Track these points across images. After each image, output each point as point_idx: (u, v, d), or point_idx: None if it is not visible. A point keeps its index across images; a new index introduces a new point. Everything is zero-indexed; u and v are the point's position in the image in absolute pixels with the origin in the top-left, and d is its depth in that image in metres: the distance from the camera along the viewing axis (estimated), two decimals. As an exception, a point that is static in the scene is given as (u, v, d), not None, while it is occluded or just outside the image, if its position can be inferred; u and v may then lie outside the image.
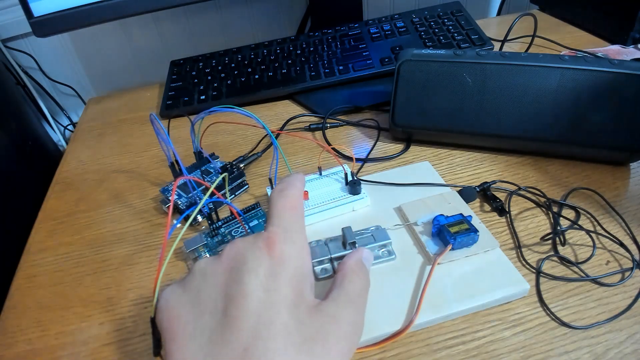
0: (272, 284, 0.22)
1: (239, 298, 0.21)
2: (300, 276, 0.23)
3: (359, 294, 0.25)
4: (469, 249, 0.33)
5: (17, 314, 0.35)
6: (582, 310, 0.30)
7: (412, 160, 0.45)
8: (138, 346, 0.32)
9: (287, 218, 0.26)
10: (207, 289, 0.23)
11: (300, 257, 0.24)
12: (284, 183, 0.28)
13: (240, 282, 0.22)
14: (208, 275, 0.23)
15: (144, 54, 0.81)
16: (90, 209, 0.45)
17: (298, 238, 0.25)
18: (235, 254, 0.24)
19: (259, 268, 0.22)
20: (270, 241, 0.24)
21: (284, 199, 0.27)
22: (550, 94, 0.39)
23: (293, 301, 0.22)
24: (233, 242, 0.25)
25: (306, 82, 0.59)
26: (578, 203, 0.38)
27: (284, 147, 0.50)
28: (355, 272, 0.26)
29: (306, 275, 0.24)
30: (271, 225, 0.25)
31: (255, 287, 0.22)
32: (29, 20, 0.54)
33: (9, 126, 0.60)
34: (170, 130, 0.56)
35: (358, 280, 0.26)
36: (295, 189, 0.28)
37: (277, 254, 0.23)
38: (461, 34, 0.60)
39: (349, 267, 0.27)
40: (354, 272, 0.26)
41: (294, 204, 0.27)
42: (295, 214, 0.26)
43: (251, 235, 0.25)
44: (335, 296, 0.24)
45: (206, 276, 0.23)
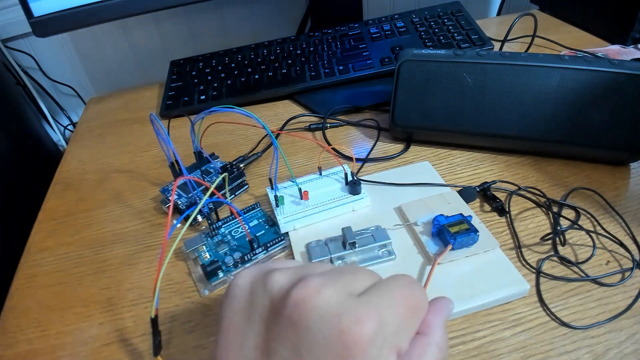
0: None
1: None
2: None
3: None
4: (469, 249, 0.33)
5: (17, 314, 0.35)
6: (582, 310, 0.30)
7: (412, 160, 0.45)
8: (138, 346, 0.32)
9: (395, 312, 0.19)
10: (266, 323, 0.20)
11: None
12: (415, 282, 0.22)
13: (298, 353, 0.18)
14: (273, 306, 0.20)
15: (144, 54, 0.81)
16: (90, 209, 0.45)
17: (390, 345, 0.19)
18: (305, 308, 0.19)
19: (322, 352, 0.18)
20: (360, 324, 0.18)
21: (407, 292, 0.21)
22: (550, 94, 0.39)
23: None
24: (307, 286, 0.19)
25: (306, 82, 0.59)
26: (578, 203, 0.38)
27: (284, 147, 0.50)
28: (438, 346, 0.21)
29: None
30: (371, 303, 0.19)
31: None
32: (29, 20, 0.54)
33: (9, 126, 0.60)
34: (170, 130, 0.56)
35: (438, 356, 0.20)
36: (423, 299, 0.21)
37: (354, 348, 0.18)
38: (461, 34, 0.60)
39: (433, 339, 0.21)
40: (437, 347, 0.20)
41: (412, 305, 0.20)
42: (406, 316, 0.20)
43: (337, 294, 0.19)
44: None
45: (271, 305, 0.20)
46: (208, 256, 0.37)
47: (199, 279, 0.35)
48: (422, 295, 0.21)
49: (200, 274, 0.35)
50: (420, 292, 0.21)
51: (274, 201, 0.38)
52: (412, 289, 0.21)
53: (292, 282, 0.20)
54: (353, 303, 0.19)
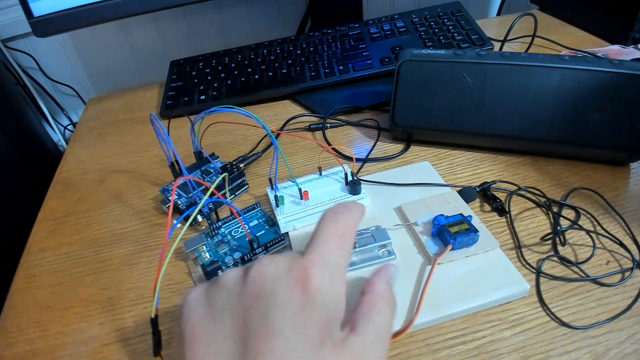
0: (301, 323, 0.20)
1: (261, 333, 0.20)
2: (332, 318, 0.21)
3: (387, 326, 0.23)
4: (469, 249, 0.33)
5: (17, 314, 0.35)
6: (582, 310, 0.30)
7: (412, 160, 0.45)
8: (138, 346, 0.32)
9: (332, 248, 0.23)
10: (231, 310, 0.21)
11: (337, 298, 0.22)
12: (340, 206, 0.25)
13: (266, 317, 0.20)
14: (233, 295, 0.22)
15: (144, 54, 0.81)
16: (90, 209, 0.45)
17: (338, 274, 0.22)
18: (263, 279, 0.21)
19: (288, 304, 0.20)
20: (307, 274, 0.21)
21: (335, 224, 0.24)
22: (550, 94, 0.39)
23: (319, 340, 0.20)
24: (261, 262, 0.22)
25: (306, 82, 0.59)
26: (578, 203, 0.38)
27: (284, 147, 0.50)
28: (384, 298, 0.24)
29: (338, 317, 0.22)
30: (312, 252, 0.22)
31: (282, 326, 0.20)
32: (29, 20, 0.54)
33: (9, 126, 0.60)
34: (170, 130, 0.56)
35: (387, 309, 0.23)
36: (351, 217, 0.24)
37: (312, 291, 0.21)
38: (461, 34, 0.60)
39: (377, 292, 0.24)
40: (383, 298, 0.23)
41: (344, 233, 0.24)
42: (342, 244, 0.23)
43: (284, 258, 0.22)
44: (363, 330, 0.22)
45: (231, 295, 0.22)
46: (208, 256, 0.37)
47: (199, 279, 0.35)
48: (347, 218, 0.24)
49: (200, 274, 0.35)
50: (345, 214, 0.24)
51: (274, 201, 0.38)
52: (336, 220, 0.24)
53: (242, 271, 0.23)
54: (297, 258, 0.22)
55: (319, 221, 0.24)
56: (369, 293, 0.24)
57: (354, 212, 0.25)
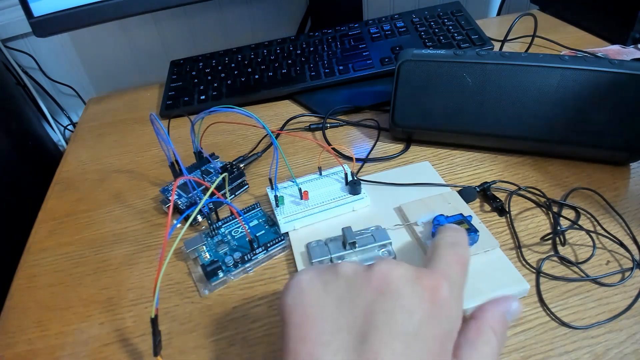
0: (424, 332, 0.19)
1: (385, 332, 0.19)
2: (451, 336, 0.21)
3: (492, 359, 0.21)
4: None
5: (17, 314, 0.35)
6: (582, 310, 0.30)
7: (412, 160, 0.45)
8: (138, 346, 0.32)
9: (456, 271, 0.23)
10: (351, 301, 0.20)
11: (458, 316, 0.21)
12: (457, 237, 0.26)
13: (392, 317, 0.20)
14: (355, 287, 0.21)
15: (144, 54, 0.81)
16: (90, 209, 0.45)
17: (460, 295, 0.22)
18: (390, 278, 0.21)
19: (416, 310, 0.20)
20: (437, 284, 0.21)
21: (456, 252, 0.24)
22: (550, 94, 0.39)
23: (436, 355, 0.19)
24: (389, 261, 0.22)
25: (306, 82, 0.59)
26: (578, 203, 0.38)
27: (284, 147, 0.50)
28: (493, 329, 0.22)
29: (454, 337, 0.21)
30: (437, 268, 0.23)
31: (406, 330, 0.19)
32: (29, 20, 0.54)
33: (9, 126, 0.60)
34: (170, 130, 0.56)
35: (494, 344, 0.22)
36: (466, 250, 0.25)
37: (440, 302, 0.20)
38: (461, 34, 0.60)
39: (488, 322, 0.22)
40: (492, 329, 0.22)
41: (464, 263, 0.24)
42: (463, 272, 0.24)
43: (411, 266, 0.22)
44: (467, 358, 0.21)
45: (352, 286, 0.21)
46: (208, 256, 0.37)
47: (199, 279, 0.35)
48: (465, 252, 0.25)
49: (200, 274, 0.35)
50: (463, 250, 0.25)
51: (274, 201, 0.38)
52: (455, 250, 0.25)
53: (362, 266, 0.22)
54: (424, 270, 0.22)
55: (436, 246, 0.25)
56: (478, 320, 0.23)
57: (466, 243, 0.26)
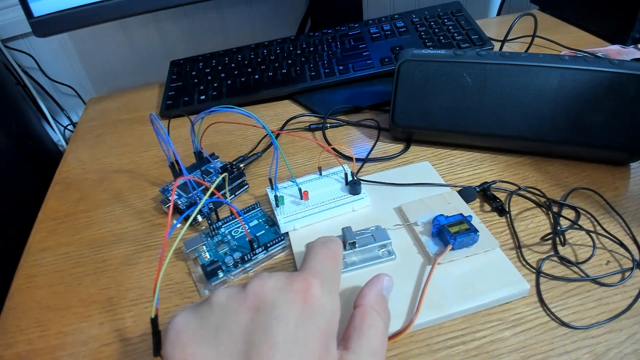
0: (302, 335, 0.20)
1: (265, 348, 0.19)
2: (330, 330, 0.22)
3: (380, 339, 0.23)
4: (469, 249, 0.33)
5: (17, 314, 0.35)
6: (582, 310, 0.30)
7: (412, 160, 0.45)
8: (138, 346, 0.32)
9: (326, 267, 0.24)
10: (228, 328, 0.21)
11: (334, 310, 0.22)
12: (326, 238, 0.27)
13: (268, 330, 0.20)
14: (230, 312, 0.21)
15: (144, 54, 0.81)
16: (90, 209, 0.45)
17: (334, 289, 0.23)
18: (264, 293, 0.21)
19: (289, 315, 0.20)
20: (307, 285, 0.22)
21: (326, 249, 0.26)
22: (550, 94, 0.39)
23: (319, 356, 0.20)
24: (261, 276, 0.22)
25: (306, 82, 0.59)
26: (578, 203, 0.38)
27: (284, 147, 0.50)
28: (375, 310, 0.24)
29: (335, 331, 0.22)
30: (309, 269, 0.24)
31: (284, 338, 0.20)
32: (29, 20, 0.54)
33: (9, 126, 0.60)
34: (170, 130, 0.56)
35: (380, 322, 0.23)
36: (338, 245, 0.27)
37: (311, 302, 0.21)
38: (461, 34, 0.60)
39: (368, 304, 0.24)
40: (374, 310, 0.23)
41: (335, 257, 0.25)
42: (335, 264, 0.25)
43: (282, 274, 0.23)
44: (356, 347, 0.22)
45: (227, 313, 0.21)
46: (208, 256, 0.37)
47: (199, 279, 0.35)
48: (335, 246, 0.26)
49: (200, 274, 0.35)
50: (333, 244, 0.27)
51: (274, 201, 0.38)
52: (326, 246, 0.26)
53: (237, 288, 0.23)
54: (295, 274, 0.23)
55: (309, 248, 0.26)
56: (360, 306, 0.24)
57: (339, 242, 0.28)
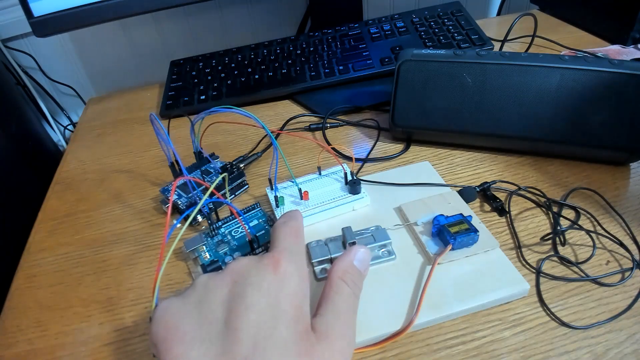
0: (274, 298, 0.23)
1: (241, 309, 0.22)
2: (300, 295, 0.24)
3: (347, 305, 0.26)
4: (469, 249, 0.33)
5: (17, 314, 0.35)
6: (582, 310, 0.30)
7: (412, 160, 0.45)
8: (138, 346, 0.32)
9: (290, 242, 0.27)
10: (208, 300, 0.23)
11: (302, 277, 0.25)
12: (286, 216, 0.30)
13: (243, 295, 0.23)
14: (210, 288, 0.24)
15: (144, 54, 0.81)
16: (90, 209, 0.45)
17: (300, 260, 0.26)
18: (239, 268, 0.24)
19: (262, 282, 0.23)
20: (275, 259, 0.25)
21: (287, 227, 0.28)
22: (550, 94, 0.39)
23: (292, 317, 0.23)
24: (237, 259, 0.26)
25: (306, 82, 0.59)
26: (578, 203, 0.38)
27: (284, 147, 0.50)
28: (342, 279, 0.26)
29: (305, 296, 0.25)
30: (275, 247, 0.27)
31: (258, 300, 0.22)
32: (29, 20, 0.54)
33: (9, 126, 0.60)
34: (170, 130, 0.56)
35: (345, 290, 0.26)
36: (297, 221, 0.29)
37: (281, 271, 0.24)
38: (461, 34, 0.60)
39: (335, 274, 0.27)
40: (340, 280, 0.26)
41: (296, 232, 0.28)
42: (297, 240, 0.28)
43: (255, 256, 0.26)
44: (324, 311, 0.25)
45: (208, 288, 0.24)
46: (208, 256, 0.37)
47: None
48: (294, 222, 0.29)
49: (200, 274, 0.35)
50: (292, 220, 0.29)
51: (274, 202, 0.38)
52: (287, 225, 0.29)
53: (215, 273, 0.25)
54: (264, 254, 0.26)
55: (272, 231, 0.29)
56: (328, 276, 0.27)
57: (298, 217, 0.30)
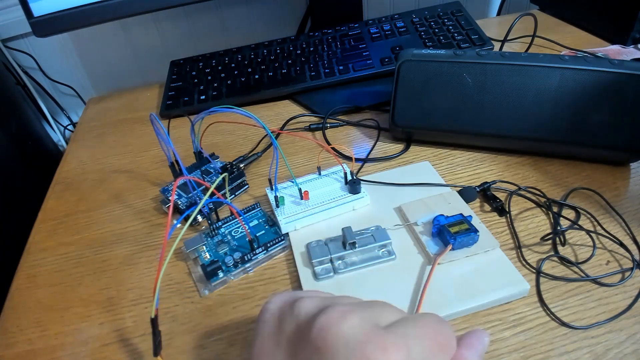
0: None
1: None
2: None
3: None
4: (469, 249, 0.33)
5: (17, 314, 0.35)
6: (582, 310, 0.30)
7: (412, 160, 0.45)
8: (138, 346, 0.32)
9: (423, 345, 0.18)
10: (290, 348, 0.20)
11: None
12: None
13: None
14: (299, 333, 0.19)
15: (144, 54, 0.81)
16: (90, 209, 0.45)
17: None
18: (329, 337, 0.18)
19: None
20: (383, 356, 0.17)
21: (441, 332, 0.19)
22: (550, 94, 0.39)
23: None
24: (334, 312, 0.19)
25: (306, 82, 0.59)
26: (578, 203, 0.38)
27: (284, 147, 0.50)
28: None
29: None
30: (399, 332, 0.18)
31: None
32: (29, 20, 0.54)
33: (9, 126, 0.60)
34: (170, 130, 0.56)
35: None
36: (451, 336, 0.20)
37: None
38: (461, 34, 0.60)
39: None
40: None
41: (445, 344, 0.19)
42: (436, 352, 0.19)
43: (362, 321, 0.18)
44: None
45: (298, 331, 0.20)
46: (208, 256, 0.37)
47: (199, 279, 0.35)
48: (450, 333, 0.20)
49: (200, 274, 0.35)
50: (448, 329, 0.20)
51: (274, 202, 0.38)
52: (441, 325, 0.20)
53: (319, 308, 0.20)
54: (379, 332, 0.18)
55: (430, 317, 0.20)
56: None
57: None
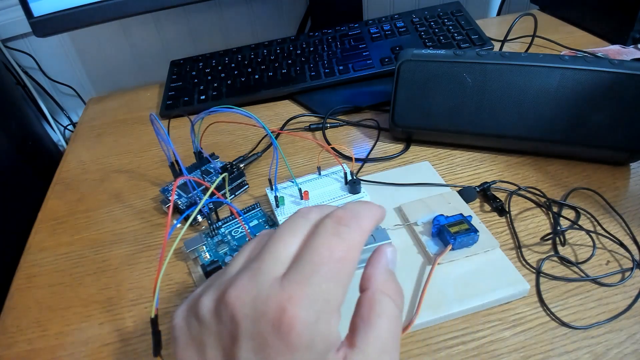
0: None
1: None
2: (321, 356, 0.18)
3: (393, 329, 0.19)
4: (469, 249, 0.33)
5: (17, 314, 0.35)
6: (582, 310, 0.30)
7: (412, 160, 0.45)
8: (138, 346, 0.32)
9: (324, 276, 0.18)
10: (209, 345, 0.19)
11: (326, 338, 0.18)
12: (348, 212, 0.20)
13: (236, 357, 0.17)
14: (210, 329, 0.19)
15: (144, 54, 0.81)
16: (90, 209, 0.45)
17: (327, 311, 0.18)
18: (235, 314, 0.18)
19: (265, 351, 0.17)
20: (285, 315, 0.17)
21: (335, 240, 0.19)
22: (550, 94, 0.39)
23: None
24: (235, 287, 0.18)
25: (306, 82, 0.59)
26: (578, 203, 0.38)
27: (284, 147, 0.50)
28: (384, 293, 0.19)
29: (330, 349, 0.18)
30: (296, 280, 0.18)
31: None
32: (29, 20, 0.54)
33: (9, 126, 0.60)
34: (170, 130, 0.56)
35: (391, 307, 0.19)
36: (358, 229, 0.19)
37: (292, 337, 0.17)
38: (461, 34, 0.60)
39: (375, 287, 0.19)
40: (383, 294, 0.19)
41: (345, 254, 0.18)
42: (339, 271, 0.18)
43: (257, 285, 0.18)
44: (363, 343, 0.18)
45: (206, 329, 0.19)
46: (208, 256, 0.37)
47: (199, 279, 0.35)
48: (351, 232, 0.19)
49: (200, 274, 0.35)
50: (349, 228, 0.19)
51: (274, 202, 0.38)
52: (337, 233, 0.19)
53: (215, 300, 0.19)
54: (273, 292, 0.18)
55: (316, 231, 0.19)
56: (367, 291, 0.20)
57: (364, 221, 0.20)
